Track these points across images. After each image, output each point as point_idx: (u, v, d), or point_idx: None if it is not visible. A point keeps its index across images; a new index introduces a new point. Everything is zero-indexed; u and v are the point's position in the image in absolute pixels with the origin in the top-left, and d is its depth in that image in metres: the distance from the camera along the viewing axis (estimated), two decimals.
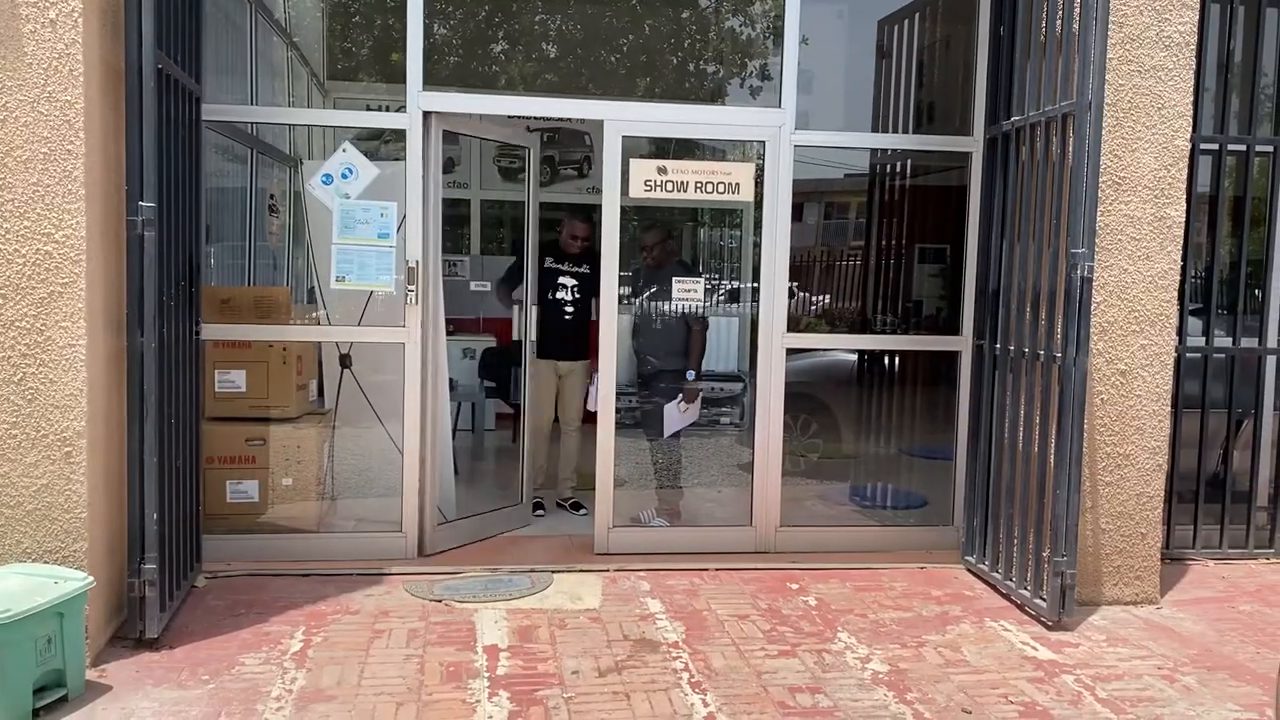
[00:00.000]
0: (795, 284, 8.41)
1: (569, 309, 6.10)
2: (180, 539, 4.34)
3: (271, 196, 6.80)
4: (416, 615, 4.45)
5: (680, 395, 5.83)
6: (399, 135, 5.07)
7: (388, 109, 5.16)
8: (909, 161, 6.91)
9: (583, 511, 6.08)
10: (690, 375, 5.80)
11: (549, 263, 6.12)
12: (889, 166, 7.02)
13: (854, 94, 6.67)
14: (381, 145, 5.89)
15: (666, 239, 6.41)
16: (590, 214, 6.23)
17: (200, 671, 3.82)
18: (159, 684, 3.71)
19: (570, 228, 6.19)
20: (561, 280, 6.09)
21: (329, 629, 4.27)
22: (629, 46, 6.32)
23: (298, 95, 7.20)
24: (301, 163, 6.17)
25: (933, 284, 6.92)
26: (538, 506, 6.11)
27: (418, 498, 5.14)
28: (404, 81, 4.99)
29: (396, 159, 5.10)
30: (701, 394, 5.90)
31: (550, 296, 6.06)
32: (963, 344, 5.50)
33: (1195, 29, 4.79)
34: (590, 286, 6.02)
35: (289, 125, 6.44)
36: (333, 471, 5.66)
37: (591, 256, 6.03)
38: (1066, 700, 3.80)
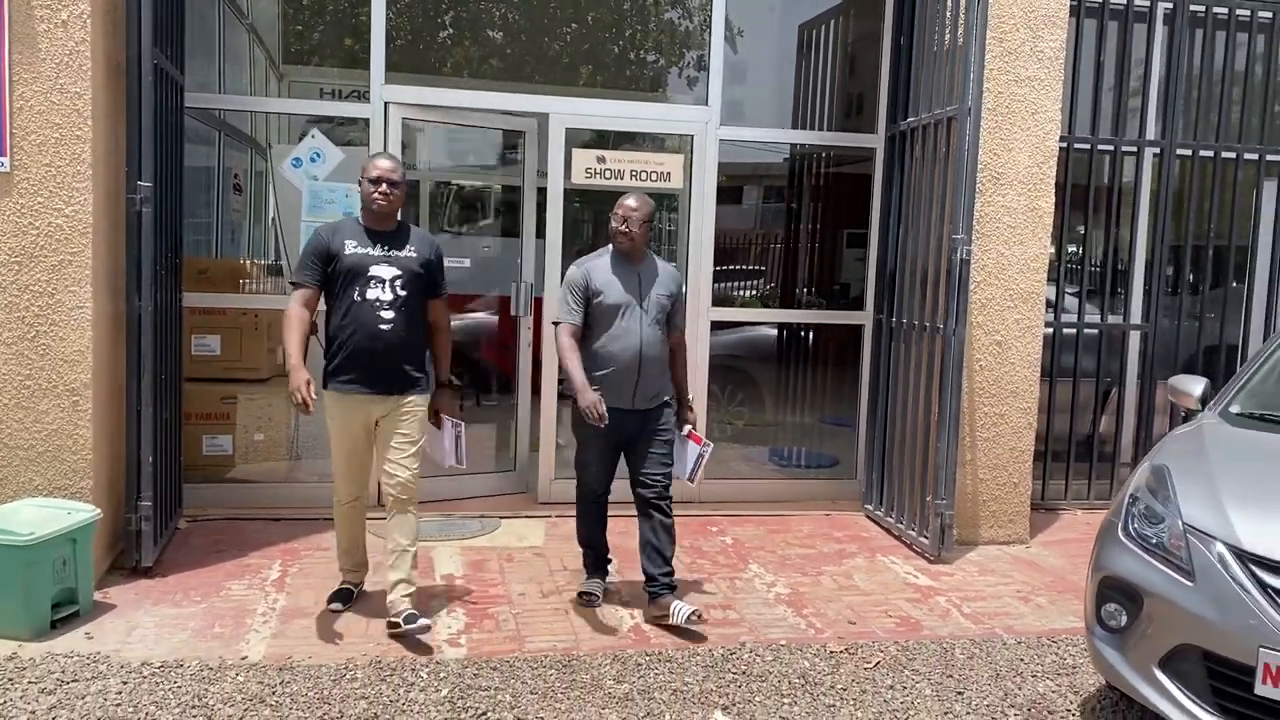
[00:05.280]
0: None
1: (387, 315, 4.01)
2: (166, 484, 4.86)
3: (236, 176, 7.23)
4: (381, 552, 5.01)
5: None
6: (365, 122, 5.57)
7: (359, 95, 5.63)
8: (824, 154, 7.56)
9: (420, 623, 3.98)
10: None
11: (351, 247, 4.02)
12: (809, 158, 7.66)
13: (779, 90, 7.27)
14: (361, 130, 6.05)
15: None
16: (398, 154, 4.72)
17: (192, 594, 4.37)
18: (157, 604, 4.25)
19: (367, 168, 4.05)
20: (375, 272, 4.01)
21: (303, 562, 4.84)
22: (571, 37, 6.78)
23: (270, 82, 7.59)
24: (271, 146, 6.58)
25: (847, 266, 7.58)
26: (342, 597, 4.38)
27: None
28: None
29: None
30: None
31: (359, 297, 4.00)
32: (866, 318, 6.20)
33: (1063, 45, 5.51)
34: (421, 283, 4.11)
35: (264, 113, 6.85)
36: (298, 428, 6.17)
37: (416, 236, 4.17)
38: (937, 615, 4.52)
